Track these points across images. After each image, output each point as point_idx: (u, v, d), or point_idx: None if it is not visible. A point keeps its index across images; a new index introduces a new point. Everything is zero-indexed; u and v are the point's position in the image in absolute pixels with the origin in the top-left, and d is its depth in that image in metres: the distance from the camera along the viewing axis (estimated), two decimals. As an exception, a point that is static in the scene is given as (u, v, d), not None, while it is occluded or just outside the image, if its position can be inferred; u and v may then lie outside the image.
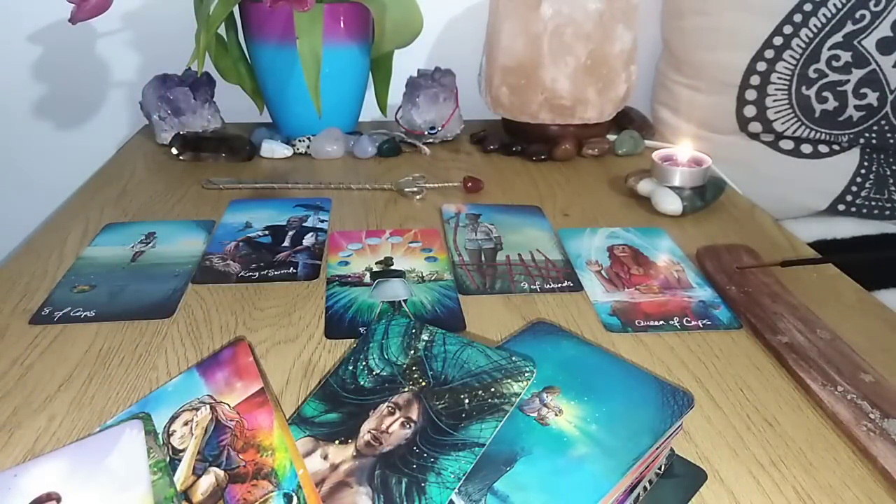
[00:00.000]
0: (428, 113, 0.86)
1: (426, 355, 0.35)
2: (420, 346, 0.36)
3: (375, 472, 0.30)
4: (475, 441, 0.30)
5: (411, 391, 0.33)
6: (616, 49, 0.80)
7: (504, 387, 0.32)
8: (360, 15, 0.82)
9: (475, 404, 0.32)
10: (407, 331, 0.37)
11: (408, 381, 0.34)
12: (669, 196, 0.66)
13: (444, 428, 0.31)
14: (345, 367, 0.36)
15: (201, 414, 0.33)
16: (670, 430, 0.31)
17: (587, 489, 0.28)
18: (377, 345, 0.37)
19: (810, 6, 0.87)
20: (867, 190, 0.92)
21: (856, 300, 0.53)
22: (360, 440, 0.32)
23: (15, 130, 1.02)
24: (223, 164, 0.80)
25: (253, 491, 0.29)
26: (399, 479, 0.29)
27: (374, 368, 0.35)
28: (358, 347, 0.38)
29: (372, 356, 0.36)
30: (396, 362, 0.35)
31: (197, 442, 0.32)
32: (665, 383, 0.34)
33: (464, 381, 0.33)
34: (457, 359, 0.34)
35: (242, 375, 0.33)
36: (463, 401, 0.32)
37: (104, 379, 0.41)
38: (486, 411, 0.31)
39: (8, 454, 0.35)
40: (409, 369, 0.35)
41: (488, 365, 0.33)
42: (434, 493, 0.29)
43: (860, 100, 0.89)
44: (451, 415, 0.32)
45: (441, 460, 0.30)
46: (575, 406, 0.32)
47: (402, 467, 0.30)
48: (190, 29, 0.80)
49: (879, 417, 0.38)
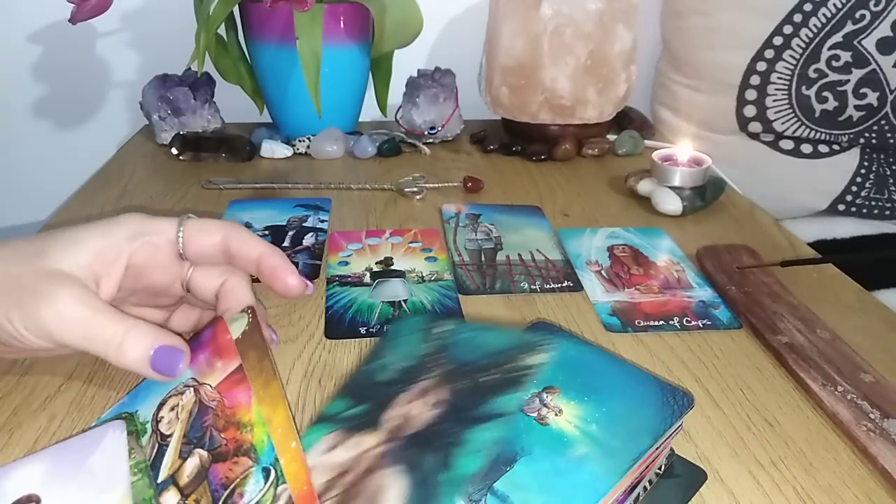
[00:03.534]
0: (428, 113, 0.86)
1: (446, 344, 0.35)
2: (439, 335, 0.36)
3: (405, 451, 0.30)
4: (502, 411, 0.30)
5: (434, 377, 0.33)
6: (616, 49, 0.80)
7: (526, 360, 0.32)
8: (360, 15, 0.82)
9: (499, 380, 0.32)
10: (425, 324, 0.37)
11: (430, 369, 0.34)
12: (669, 196, 0.66)
13: (469, 405, 0.31)
14: (365, 366, 0.36)
15: (186, 397, 0.33)
16: (670, 430, 0.31)
17: (587, 489, 0.28)
18: (397, 341, 0.37)
19: (810, 6, 0.87)
20: (867, 190, 0.92)
21: (856, 300, 0.53)
22: (387, 426, 0.32)
23: (15, 130, 1.02)
24: (223, 164, 0.80)
25: (234, 468, 0.29)
26: (430, 454, 0.29)
27: (396, 363, 0.36)
28: (377, 347, 0.38)
29: (393, 352, 0.37)
30: (418, 354, 0.35)
31: (182, 426, 0.32)
32: (665, 383, 0.34)
33: (485, 361, 0.33)
34: (476, 343, 0.34)
35: (222, 354, 0.33)
36: (486, 379, 0.32)
37: (104, 379, 0.41)
38: (510, 385, 0.31)
39: (8, 454, 0.35)
40: (431, 358, 0.35)
41: (507, 344, 0.33)
42: (467, 461, 0.29)
43: (860, 100, 0.89)
44: (475, 392, 0.32)
45: (470, 433, 0.30)
46: (575, 406, 0.32)
47: (432, 443, 0.30)
48: (190, 29, 0.80)
49: (879, 417, 0.38)
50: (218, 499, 0.29)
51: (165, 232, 0.36)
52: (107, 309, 0.32)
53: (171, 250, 0.37)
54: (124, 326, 0.32)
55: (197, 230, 0.37)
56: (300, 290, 0.37)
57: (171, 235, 0.37)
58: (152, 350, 0.32)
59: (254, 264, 0.37)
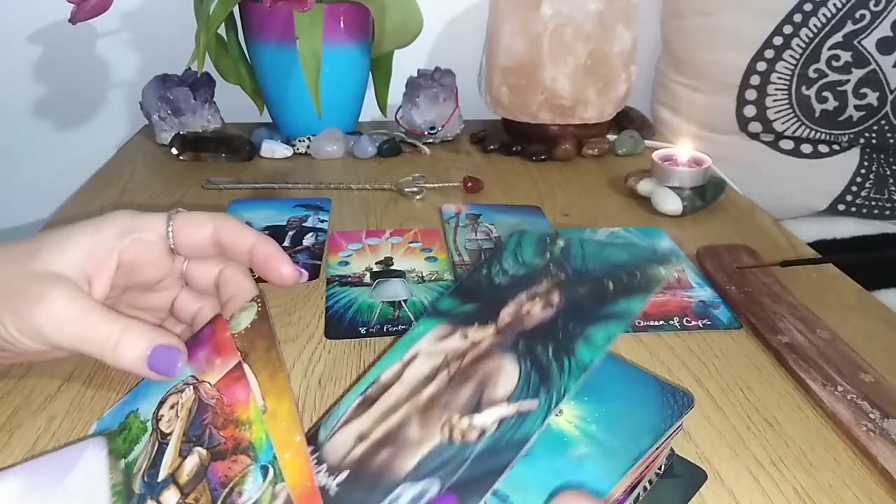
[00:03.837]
0: (428, 113, 0.86)
1: (563, 256, 0.34)
2: (556, 249, 0.35)
3: (519, 342, 0.30)
4: (623, 311, 0.30)
5: (551, 282, 0.33)
6: (616, 49, 0.80)
7: (649, 271, 0.31)
8: (360, 15, 0.82)
9: (620, 287, 0.31)
10: (541, 239, 0.36)
11: (546, 276, 0.33)
12: (669, 196, 0.66)
13: (588, 306, 0.30)
14: (479, 270, 0.36)
15: (185, 395, 0.33)
16: (670, 430, 0.31)
17: (587, 489, 0.28)
18: (511, 252, 0.36)
19: (810, 6, 0.87)
20: (867, 190, 0.92)
21: (856, 300, 0.53)
22: (501, 321, 0.31)
23: (15, 130, 1.02)
24: (223, 164, 0.80)
25: (233, 467, 0.29)
26: (545, 345, 0.29)
27: (509, 270, 0.35)
28: (491, 255, 0.37)
29: (507, 259, 0.36)
30: (532, 263, 0.35)
31: (182, 424, 0.32)
32: (665, 383, 0.34)
33: (606, 271, 0.32)
34: (597, 256, 0.34)
35: (221, 352, 0.33)
36: (607, 285, 0.31)
37: (104, 379, 0.41)
38: (632, 289, 0.31)
39: (8, 454, 0.35)
40: (546, 267, 0.34)
41: (630, 258, 0.33)
42: (584, 353, 0.28)
43: (860, 100, 0.89)
44: (594, 296, 0.31)
45: (588, 329, 0.29)
46: (575, 406, 0.32)
47: (548, 337, 0.30)
48: (190, 29, 0.80)
49: (879, 417, 0.38)
50: (217, 497, 0.29)
51: (155, 227, 0.36)
52: (100, 309, 0.32)
53: (161, 245, 0.37)
54: (120, 326, 0.32)
55: (187, 224, 0.37)
56: (294, 278, 0.37)
57: (161, 231, 0.36)
58: (149, 350, 0.32)
59: (246, 255, 0.37)
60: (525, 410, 0.27)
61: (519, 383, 0.28)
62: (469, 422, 0.27)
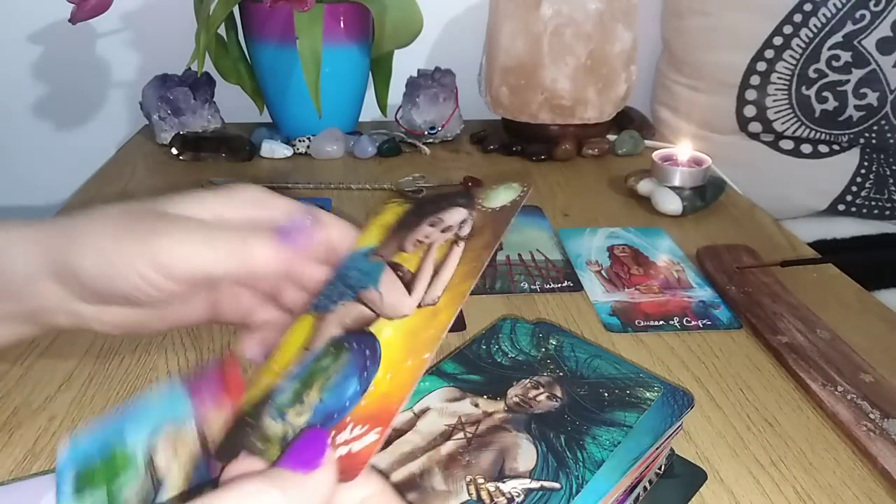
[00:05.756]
0: (428, 113, 0.86)
1: (558, 355, 0.36)
2: (550, 347, 0.37)
3: (532, 425, 0.31)
4: (622, 422, 0.31)
5: (552, 376, 0.34)
6: (616, 49, 0.80)
7: (638, 392, 0.33)
8: (360, 15, 0.82)
9: (615, 397, 0.32)
10: (534, 333, 0.38)
11: (545, 369, 0.35)
12: (669, 196, 0.66)
13: (590, 408, 0.32)
14: (478, 343, 0.37)
15: (188, 432, 0.31)
16: (670, 430, 0.31)
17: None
18: (507, 336, 0.38)
19: (810, 6, 0.87)
20: (867, 190, 0.92)
21: (856, 300, 0.53)
22: (510, 399, 0.32)
23: (15, 130, 1.02)
24: (223, 164, 0.80)
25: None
26: (557, 434, 0.30)
27: (509, 352, 0.36)
28: (487, 334, 0.38)
29: (504, 342, 0.37)
30: (529, 353, 0.36)
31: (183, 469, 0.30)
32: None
33: (599, 380, 0.34)
34: (588, 364, 0.35)
35: (230, 391, 0.32)
36: (602, 393, 0.33)
37: (104, 379, 0.41)
38: (626, 404, 0.32)
39: (8, 454, 0.35)
40: (543, 362, 0.35)
41: (618, 375, 0.34)
42: (594, 450, 0.29)
43: (860, 100, 0.89)
44: (593, 401, 0.32)
45: (594, 429, 0.30)
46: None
47: (558, 427, 0.30)
48: (190, 29, 0.80)
49: (879, 417, 0.38)
50: None
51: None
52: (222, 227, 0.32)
53: None
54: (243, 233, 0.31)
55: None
56: None
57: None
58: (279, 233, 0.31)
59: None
60: (549, 488, 0.28)
61: (538, 462, 0.29)
62: (496, 486, 0.28)
